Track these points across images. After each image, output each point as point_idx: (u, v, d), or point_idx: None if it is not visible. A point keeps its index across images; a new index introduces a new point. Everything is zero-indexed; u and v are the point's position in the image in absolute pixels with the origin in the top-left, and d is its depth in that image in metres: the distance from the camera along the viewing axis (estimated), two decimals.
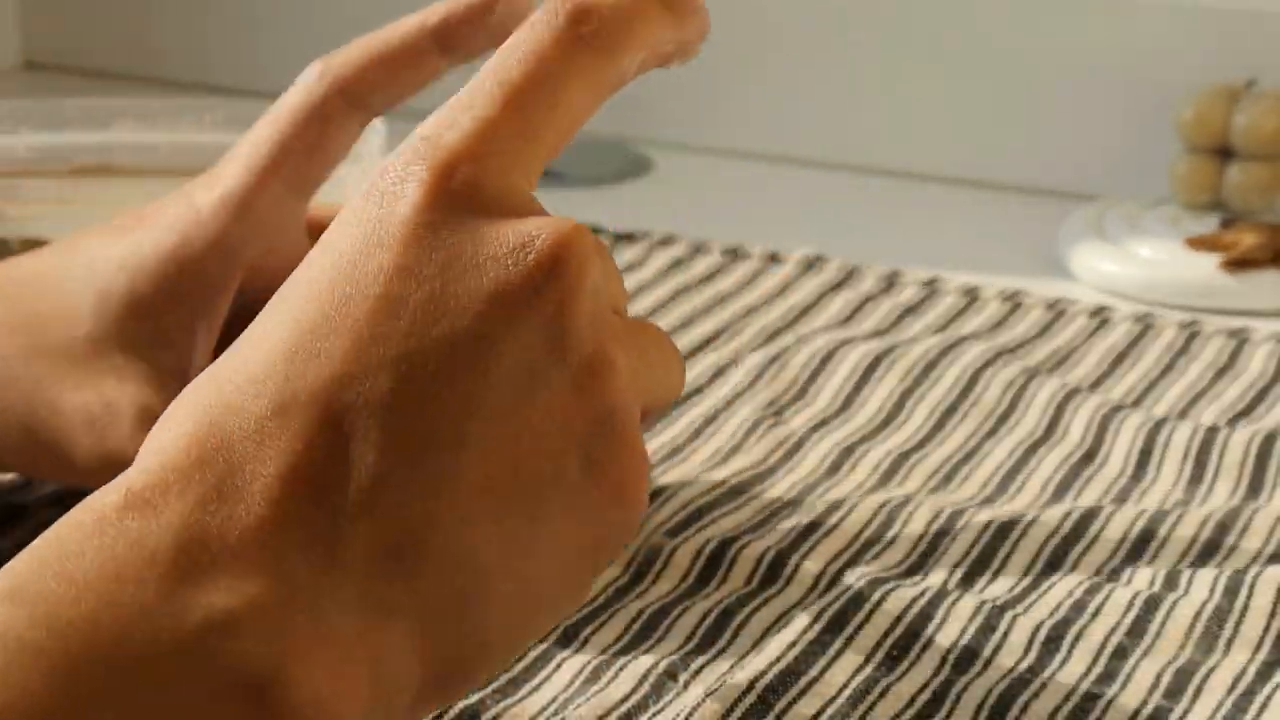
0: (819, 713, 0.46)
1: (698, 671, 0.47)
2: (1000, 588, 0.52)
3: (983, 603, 0.51)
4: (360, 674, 0.33)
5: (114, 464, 0.46)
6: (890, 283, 0.76)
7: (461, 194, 0.36)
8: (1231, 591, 0.52)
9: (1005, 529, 0.55)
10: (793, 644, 0.48)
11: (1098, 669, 0.48)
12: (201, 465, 0.34)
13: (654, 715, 0.46)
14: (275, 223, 0.51)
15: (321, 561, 0.33)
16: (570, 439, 0.36)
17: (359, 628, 0.33)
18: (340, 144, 0.52)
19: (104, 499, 0.33)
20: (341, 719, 0.33)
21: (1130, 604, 0.51)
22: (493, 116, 0.37)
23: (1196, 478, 0.60)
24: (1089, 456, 0.61)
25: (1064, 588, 0.52)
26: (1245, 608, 0.51)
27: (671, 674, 0.47)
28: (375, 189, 0.36)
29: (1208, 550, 0.55)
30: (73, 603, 0.31)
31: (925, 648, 0.49)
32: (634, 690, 0.46)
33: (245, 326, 0.48)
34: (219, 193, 0.51)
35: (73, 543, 0.32)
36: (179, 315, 0.50)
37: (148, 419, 0.47)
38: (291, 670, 0.32)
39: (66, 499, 0.56)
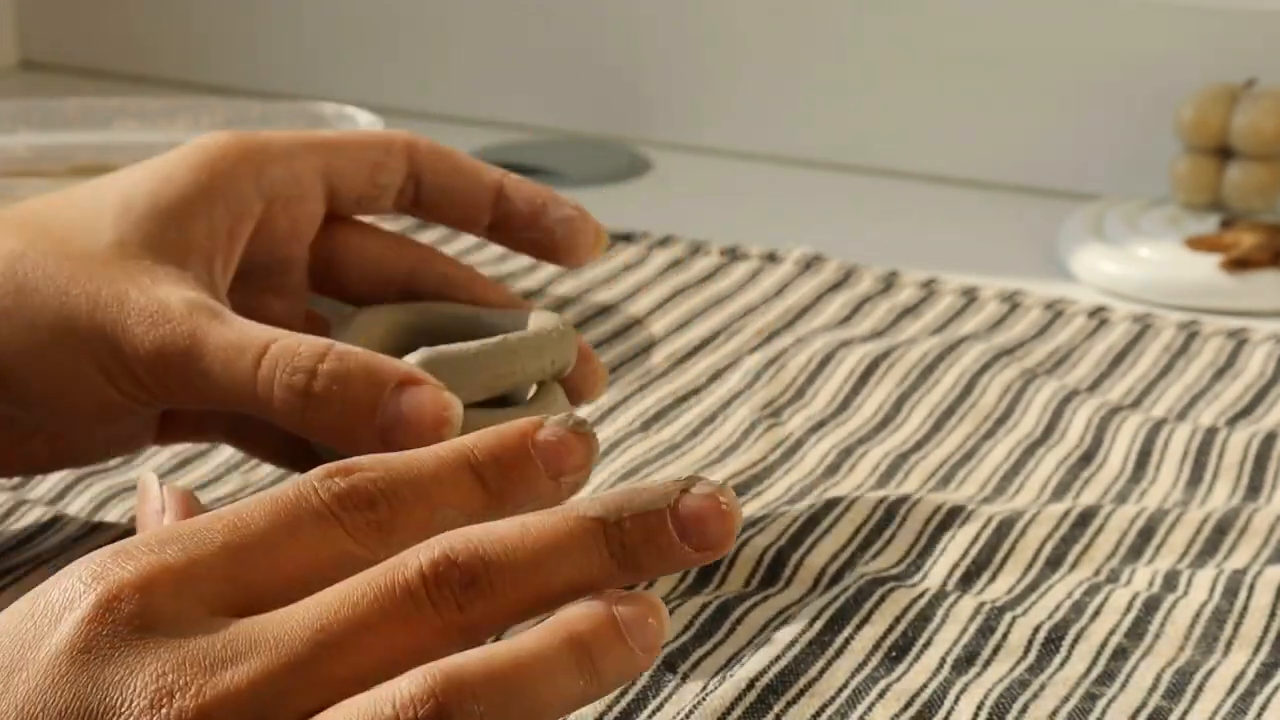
0: (818, 713, 0.46)
1: (697, 663, 0.47)
2: (999, 588, 0.52)
3: (982, 603, 0.51)
4: None
5: (170, 352, 0.47)
6: (889, 283, 0.76)
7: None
8: (1231, 592, 0.52)
9: (1004, 529, 0.55)
10: (792, 643, 0.48)
11: (1097, 670, 0.48)
12: None
13: (653, 710, 0.45)
14: (295, 177, 0.52)
15: None
16: None
17: None
18: (379, 169, 0.53)
19: None
20: None
21: (1130, 605, 0.51)
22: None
23: (1196, 478, 0.60)
24: (1088, 457, 0.61)
25: (1063, 588, 0.52)
26: (1245, 608, 0.51)
27: (670, 665, 0.47)
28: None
29: (1207, 551, 0.55)
30: None
31: (925, 648, 0.49)
32: (633, 683, 0.46)
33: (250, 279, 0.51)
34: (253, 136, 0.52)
35: None
36: (203, 225, 0.50)
37: (198, 310, 0.48)
38: None
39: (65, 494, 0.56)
